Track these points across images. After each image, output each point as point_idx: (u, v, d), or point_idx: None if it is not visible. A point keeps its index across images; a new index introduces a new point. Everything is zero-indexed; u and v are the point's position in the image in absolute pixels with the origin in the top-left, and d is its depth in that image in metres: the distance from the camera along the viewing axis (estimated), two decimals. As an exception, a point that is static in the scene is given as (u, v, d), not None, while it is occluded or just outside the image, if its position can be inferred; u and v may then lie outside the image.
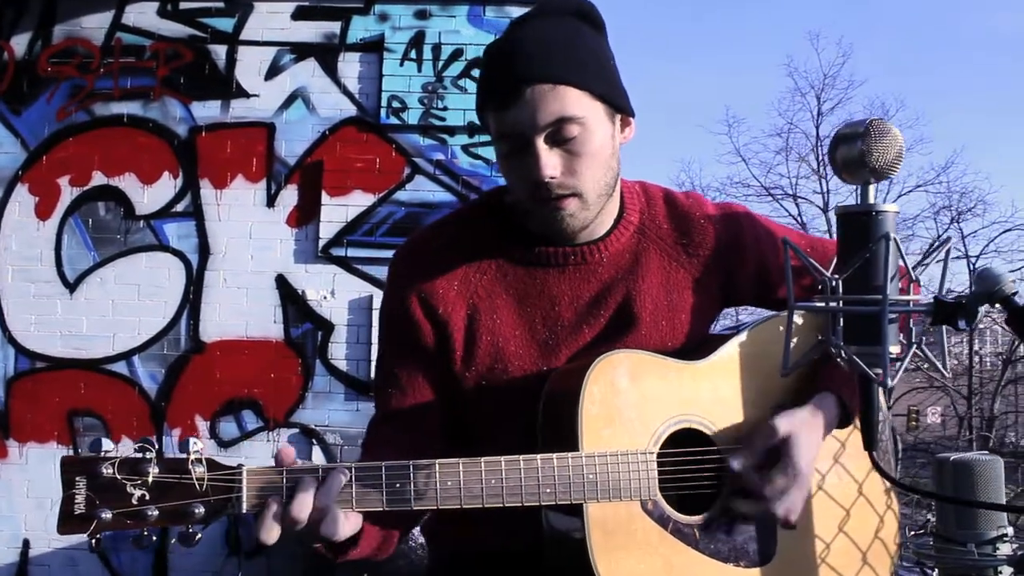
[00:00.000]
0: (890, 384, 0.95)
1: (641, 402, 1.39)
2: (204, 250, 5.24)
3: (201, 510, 1.17)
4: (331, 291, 5.20)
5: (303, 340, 5.20)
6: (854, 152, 1.01)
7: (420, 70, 5.27)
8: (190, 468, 1.17)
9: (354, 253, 5.17)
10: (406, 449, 1.45)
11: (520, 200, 1.45)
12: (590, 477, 1.31)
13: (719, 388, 1.45)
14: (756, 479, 1.38)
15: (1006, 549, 3.12)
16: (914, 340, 0.99)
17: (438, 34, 5.30)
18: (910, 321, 1.01)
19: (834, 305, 1.01)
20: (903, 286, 1.04)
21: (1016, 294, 0.95)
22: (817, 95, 18.89)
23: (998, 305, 0.94)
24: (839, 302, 1.01)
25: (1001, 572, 3.07)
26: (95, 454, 1.15)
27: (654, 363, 1.42)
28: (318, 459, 5.06)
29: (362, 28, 5.33)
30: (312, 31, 5.34)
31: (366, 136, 5.26)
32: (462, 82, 5.26)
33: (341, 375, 5.17)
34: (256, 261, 5.22)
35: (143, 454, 1.16)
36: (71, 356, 5.18)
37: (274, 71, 5.31)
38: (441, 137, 5.24)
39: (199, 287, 5.22)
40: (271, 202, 5.25)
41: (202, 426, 5.13)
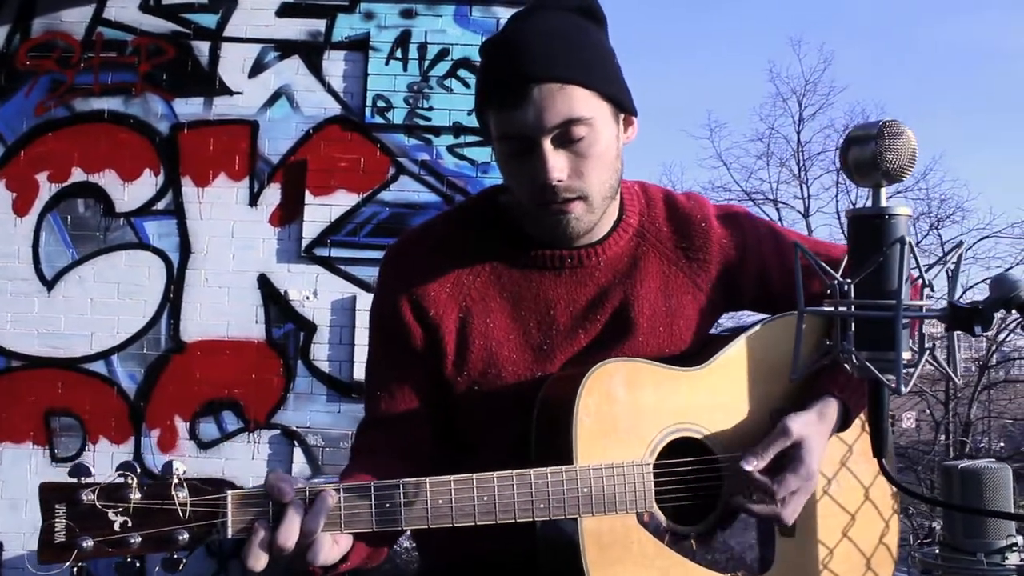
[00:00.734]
0: (904, 391, 0.93)
1: (637, 412, 1.36)
2: (185, 249, 5.18)
3: (185, 536, 1.13)
4: (314, 291, 5.15)
5: (285, 341, 5.15)
6: (867, 154, 0.98)
7: (406, 69, 5.23)
8: (173, 493, 1.13)
9: (337, 253, 5.13)
10: (396, 455, 1.42)
11: (522, 203, 1.40)
12: (584, 491, 1.28)
13: (717, 395, 1.43)
14: (767, 481, 1.36)
15: (1015, 559, 3.10)
16: (926, 346, 0.97)
17: (424, 33, 5.26)
18: (922, 327, 0.99)
19: (845, 310, 0.99)
20: (913, 291, 1.01)
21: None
22: (799, 100, 18.95)
23: (1014, 311, 0.92)
24: (850, 306, 0.98)
25: (1010, 582, 3.06)
26: (75, 480, 1.12)
27: (650, 371, 1.39)
28: (299, 460, 5.01)
29: (347, 26, 5.28)
30: (297, 28, 5.29)
31: (350, 135, 5.21)
32: (448, 82, 5.23)
33: (323, 376, 5.12)
34: (238, 260, 5.16)
35: (124, 479, 1.12)
36: (48, 355, 5.11)
37: (258, 68, 5.26)
38: (426, 137, 5.21)
39: (180, 286, 5.16)
40: (254, 201, 5.19)
41: (182, 427, 5.07)
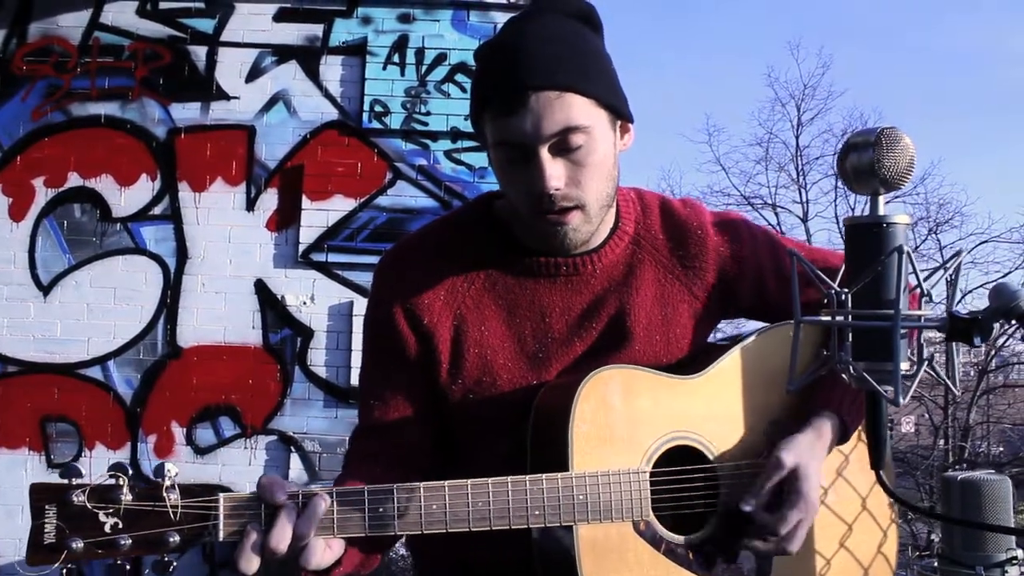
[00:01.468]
0: (902, 403, 0.91)
1: (633, 419, 1.34)
2: (182, 254, 5.17)
3: (176, 539, 1.13)
4: (311, 296, 5.14)
5: (282, 346, 5.13)
6: (864, 161, 0.97)
7: (403, 74, 5.23)
8: (164, 495, 1.12)
9: (334, 258, 5.12)
10: (389, 463, 1.41)
11: (519, 211, 1.38)
12: (580, 498, 1.27)
13: (714, 404, 1.41)
14: (769, 519, 1.33)
15: (1015, 573, 3.08)
16: (925, 357, 0.95)
17: (421, 38, 5.25)
18: (920, 337, 0.97)
19: (842, 320, 0.97)
20: (910, 300, 1.00)
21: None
22: (797, 105, 18.96)
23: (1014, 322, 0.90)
24: (847, 316, 0.97)
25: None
26: (66, 481, 1.11)
27: (647, 379, 1.38)
28: (296, 466, 5.00)
29: (344, 31, 5.28)
30: (294, 33, 5.28)
31: (348, 140, 5.21)
32: (445, 87, 5.22)
33: (320, 382, 5.11)
34: (235, 265, 5.15)
35: (115, 481, 1.11)
36: (44, 360, 5.09)
37: (255, 73, 5.25)
38: (424, 142, 5.20)
39: (176, 291, 5.14)
40: (251, 206, 5.18)
41: (178, 433, 5.05)
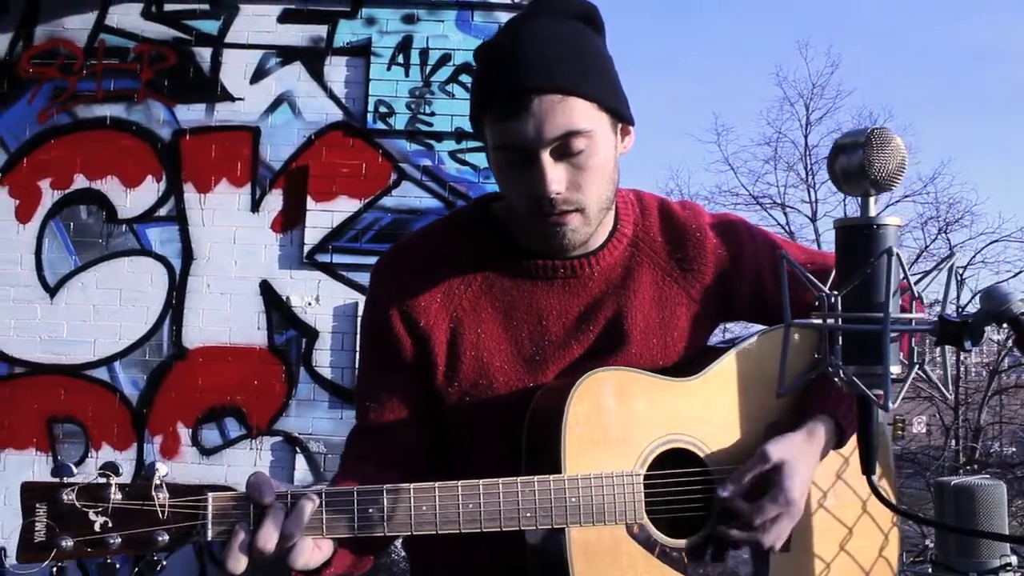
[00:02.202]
0: (891, 407, 0.90)
1: (628, 422, 1.33)
2: (187, 255, 5.18)
3: (165, 538, 1.14)
4: (316, 297, 5.14)
5: (287, 347, 5.14)
6: (854, 162, 0.96)
7: (407, 75, 5.23)
8: (153, 494, 1.13)
9: (339, 259, 5.13)
10: (384, 464, 1.41)
11: (518, 213, 1.38)
12: (572, 501, 1.26)
13: (710, 407, 1.40)
14: (745, 507, 1.33)
15: None
16: (916, 360, 0.94)
17: (426, 39, 5.25)
18: (912, 340, 0.96)
19: (832, 323, 0.96)
20: (904, 302, 0.99)
21: (1024, 313, 0.90)
22: (806, 104, 18.93)
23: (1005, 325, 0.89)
24: (837, 319, 0.96)
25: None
26: (57, 480, 1.12)
27: (642, 381, 1.37)
28: (301, 467, 5.01)
29: (349, 32, 5.28)
30: (298, 34, 5.28)
31: (352, 141, 5.21)
32: (450, 87, 5.22)
33: (325, 383, 5.12)
34: (240, 267, 5.16)
35: (105, 479, 1.13)
36: (51, 362, 5.11)
37: (260, 74, 5.26)
38: (428, 143, 5.20)
39: (182, 292, 5.16)
40: (256, 207, 5.19)
41: (184, 433, 5.07)
